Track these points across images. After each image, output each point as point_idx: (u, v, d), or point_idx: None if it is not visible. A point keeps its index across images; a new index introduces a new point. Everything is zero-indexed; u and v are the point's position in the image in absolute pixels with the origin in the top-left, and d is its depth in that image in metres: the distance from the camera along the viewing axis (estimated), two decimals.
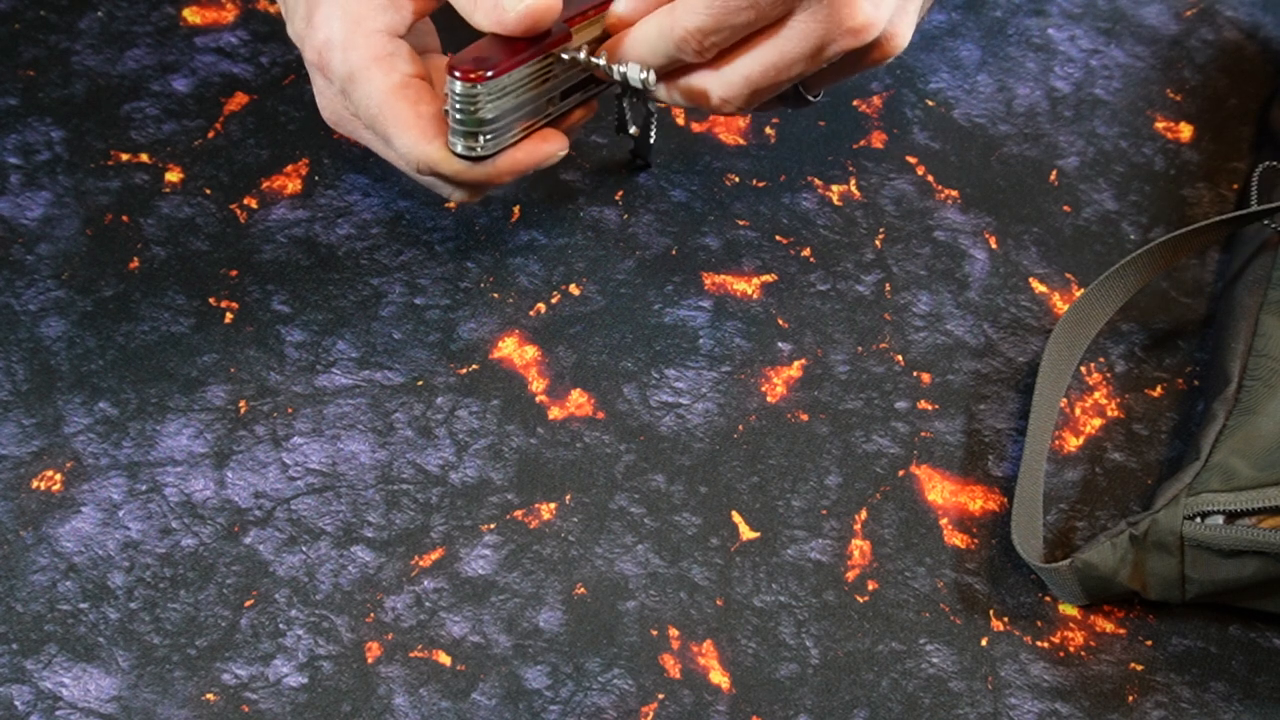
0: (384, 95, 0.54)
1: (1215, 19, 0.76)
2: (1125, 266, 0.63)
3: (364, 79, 0.54)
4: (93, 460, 0.60)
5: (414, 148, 0.54)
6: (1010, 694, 0.56)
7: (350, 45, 0.54)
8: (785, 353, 0.64)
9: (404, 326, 0.64)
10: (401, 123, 0.54)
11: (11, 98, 0.69)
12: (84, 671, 0.55)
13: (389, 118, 0.54)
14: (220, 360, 0.63)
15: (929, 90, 0.72)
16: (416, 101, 0.54)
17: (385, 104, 0.54)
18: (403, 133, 0.54)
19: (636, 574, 0.58)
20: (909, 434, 0.62)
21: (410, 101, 0.54)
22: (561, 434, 0.61)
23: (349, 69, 0.54)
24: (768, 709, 0.56)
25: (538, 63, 0.55)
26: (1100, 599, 0.58)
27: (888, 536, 0.60)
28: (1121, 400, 0.64)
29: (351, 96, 0.55)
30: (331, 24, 0.54)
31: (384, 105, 0.54)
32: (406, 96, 0.54)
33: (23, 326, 0.63)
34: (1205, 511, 0.56)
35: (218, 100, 0.70)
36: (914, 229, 0.68)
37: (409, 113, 0.54)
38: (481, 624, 0.57)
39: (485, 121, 0.54)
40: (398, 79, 0.54)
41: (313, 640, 0.56)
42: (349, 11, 0.54)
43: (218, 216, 0.66)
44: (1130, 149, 0.71)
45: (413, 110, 0.54)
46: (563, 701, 0.56)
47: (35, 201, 0.66)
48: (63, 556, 0.58)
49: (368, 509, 0.59)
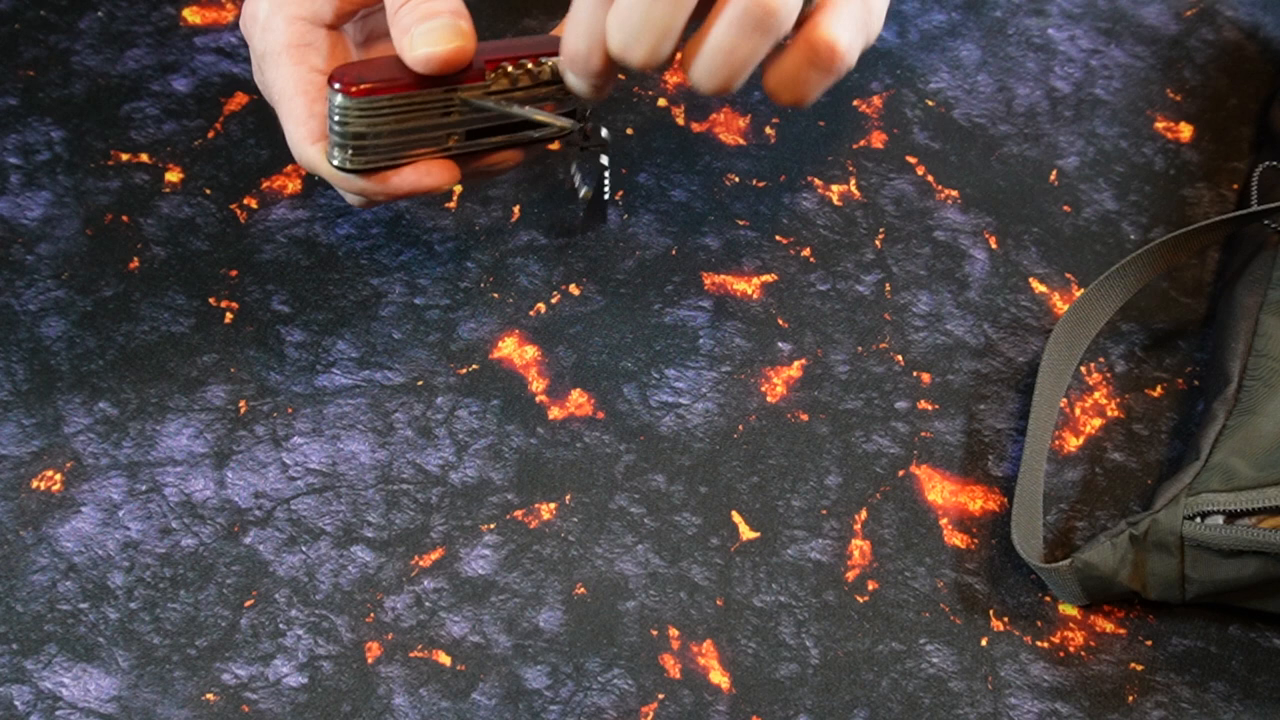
0: (286, 84, 0.54)
1: (1215, 19, 0.76)
2: (1125, 266, 0.63)
3: (274, 64, 0.54)
4: (93, 460, 0.60)
5: (299, 145, 0.54)
6: (1010, 694, 0.56)
7: (269, 26, 0.54)
8: (785, 353, 0.64)
9: (404, 326, 0.64)
10: (294, 117, 0.54)
11: (11, 98, 0.69)
12: (84, 671, 0.55)
13: (285, 109, 0.54)
14: (220, 360, 0.63)
15: (929, 90, 0.72)
16: (315, 99, 0.53)
17: (285, 95, 0.54)
18: (294, 127, 0.54)
19: (636, 574, 0.58)
20: (909, 434, 0.62)
21: (308, 98, 0.53)
22: (561, 434, 0.62)
23: (264, 49, 0.54)
24: (768, 709, 0.56)
25: (431, 94, 0.53)
26: (1100, 599, 0.58)
27: (888, 536, 0.60)
28: (1121, 400, 0.64)
29: (264, 76, 0.55)
30: (260, 1, 0.54)
31: (284, 96, 0.54)
32: (306, 91, 0.54)
33: (23, 326, 0.63)
34: (1205, 511, 0.56)
35: (218, 100, 0.70)
36: (914, 229, 0.68)
37: (303, 110, 0.54)
38: (481, 624, 0.57)
39: (355, 136, 0.53)
40: (304, 71, 0.54)
41: (313, 640, 0.56)
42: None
43: (218, 216, 0.66)
44: (1130, 149, 0.71)
45: (307, 109, 0.53)
46: (563, 701, 0.56)
47: (35, 201, 0.66)
48: (63, 556, 0.58)
49: (368, 509, 0.59)
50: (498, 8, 0.73)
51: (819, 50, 0.52)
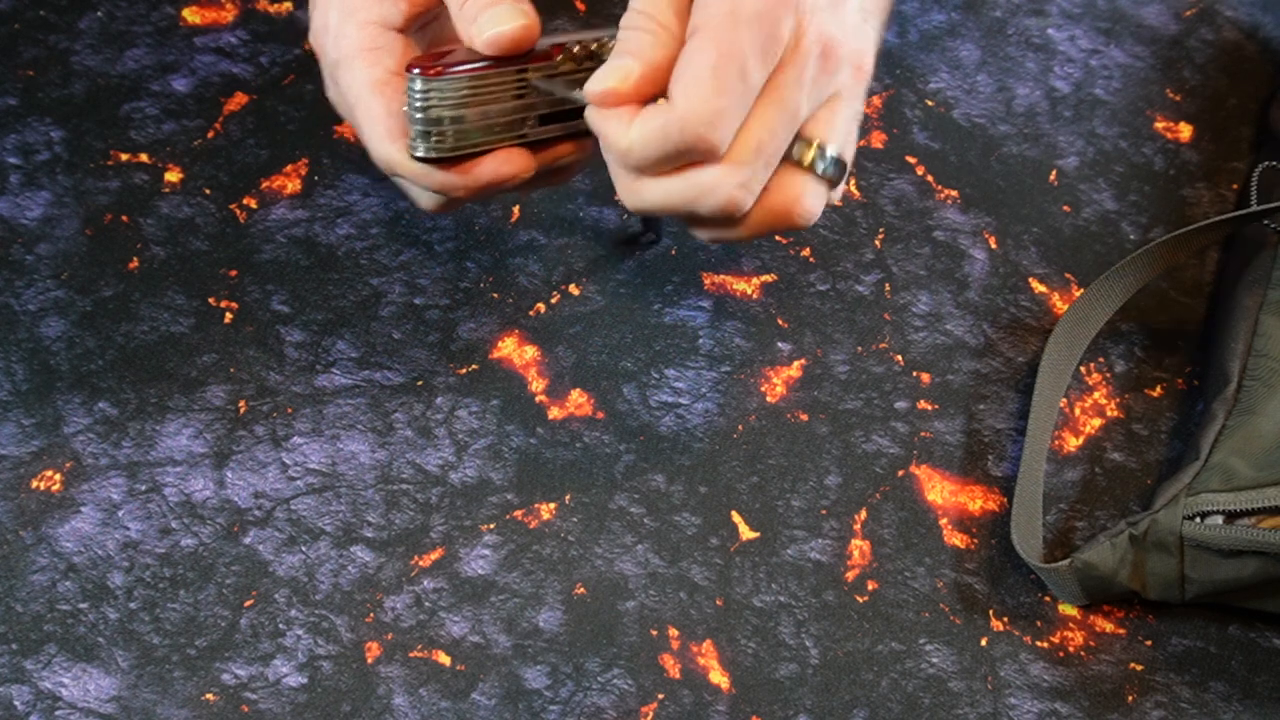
0: (362, 87, 0.54)
1: (1215, 19, 0.76)
2: (1125, 266, 0.63)
3: (348, 68, 0.54)
4: (92, 460, 0.60)
5: (378, 144, 0.54)
6: (1010, 694, 0.56)
7: (341, 34, 0.54)
8: (785, 353, 0.64)
9: (404, 326, 0.64)
10: (371, 117, 0.54)
11: (11, 98, 0.69)
12: (84, 671, 0.55)
13: (362, 111, 0.54)
14: (220, 360, 0.63)
15: (929, 90, 0.72)
16: (391, 99, 0.54)
17: (362, 97, 0.54)
18: (371, 127, 0.54)
19: (636, 574, 0.58)
20: (909, 434, 0.62)
21: (385, 98, 0.54)
22: (561, 434, 0.62)
23: (337, 56, 0.54)
24: (767, 709, 0.56)
25: (504, 74, 0.54)
26: (1100, 599, 0.58)
27: (887, 536, 0.60)
28: (1121, 400, 0.64)
29: (338, 84, 0.55)
30: (329, 12, 0.54)
31: (360, 98, 0.54)
32: (384, 92, 0.54)
33: (22, 326, 0.63)
34: (1205, 511, 0.56)
35: (217, 100, 0.70)
36: (914, 229, 0.68)
37: (381, 109, 0.54)
38: (481, 624, 0.57)
39: (436, 121, 0.53)
40: (379, 73, 0.54)
41: (312, 640, 0.56)
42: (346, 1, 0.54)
43: (217, 216, 0.66)
44: (1130, 149, 0.71)
45: (385, 107, 0.54)
46: (562, 701, 0.56)
47: (35, 201, 0.66)
48: (62, 556, 0.58)
49: (367, 509, 0.59)
50: None
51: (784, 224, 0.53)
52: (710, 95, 0.48)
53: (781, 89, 0.50)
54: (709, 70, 0.48)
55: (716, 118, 0.48)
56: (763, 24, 0.48)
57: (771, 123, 0.50)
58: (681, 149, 0.49)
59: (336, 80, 0.55)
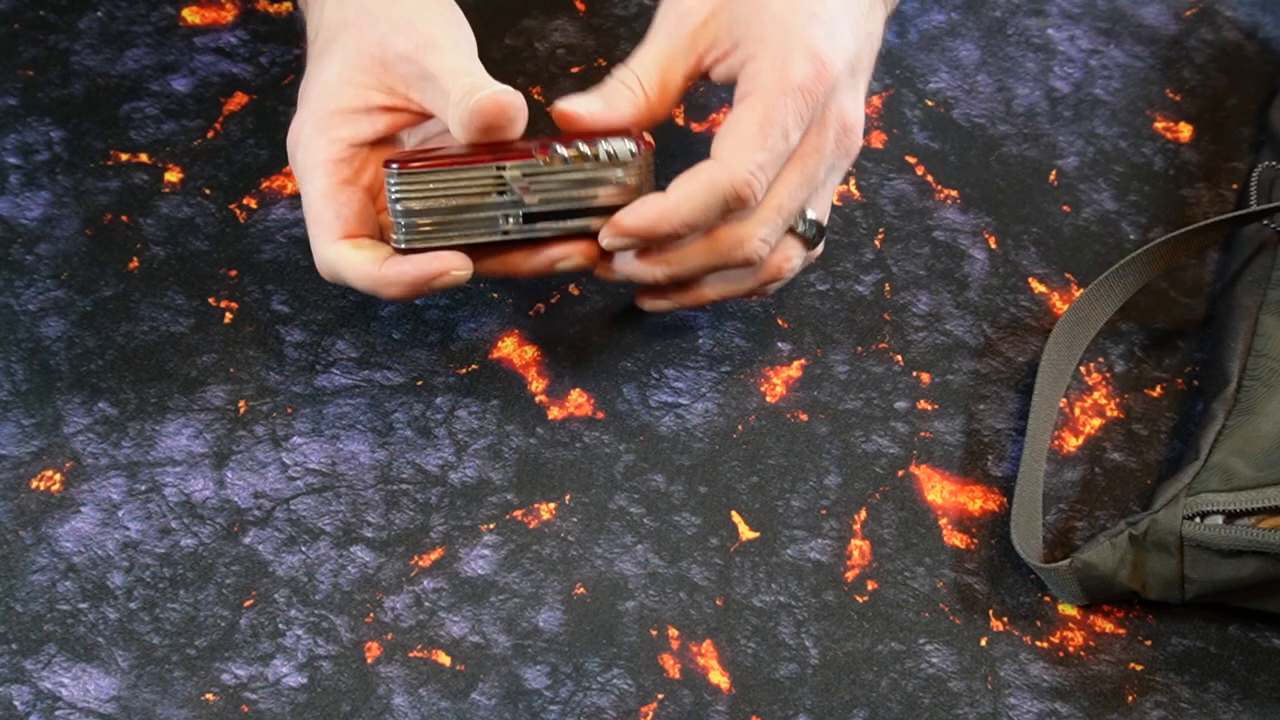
0: (316, 195, 0.56)
1: (1215, 19, 0.76)
2: (1125, 266, 0.63)
3: (310, 178, 0.56)
4: (92, 460, 0.60)
5: (315, 245, 0.56)
6: (1010, 694, 0.56)
7: (310, 147, 0.56)
8: (785, 353, 0.64)
9: (404, 326, 0.64)
10: (320, 222, 0.56)
11: (11, 98, 0.69)
12: (83, 671, 0.55)
13: (311, 215, 0.56)
14: (220, 360, 0.63)
15: (928, 90, 0.72)
16: (342, 205, 0.56)
17: (313, 204, 0.56)
18: (315, 230, 0.56)
19: (636, 574, 0.58)
20: (908, 434, 0.62)
21: (335, 204, 0.56)
22: (561, 434, 0.62)
23: (302, 166, 0.57)
24: (767, 709, 0.56)
25: (479, 169, 0.55)
26: (1100, 599, 0.58)
27: (887, 536, 0.60)
28: (1121, 400, 0.64)
29: (302, 192, 0.57)
30: (304, 126, 0.57)
31: (312, 205, 0.56)
32: (333, 201, 0.56)
33: (22, 326, 0.63)
34: (1205, 511, 0.56)
35: (217, 100, 0.70)
36: (913, 229, 0.68)
37: (330, 215, 0.56)
38: (481, 624, 0.57)
39: (409, 214, 0.55)
40: (334, 183, 0.56)
41: (312, 640, 0.56)
42: (319, 119, 0.56)
43: (217, 216, 0.66)
44: (1130, 149, 0.71)
45: (334, 213, 0.56)
46: (562, 701, 0.56)
47: (35, 201, 0.66)
48: (62, 556, 0.58)
49: (367, 509, 0.59)
50: (498, 8, 0.73)
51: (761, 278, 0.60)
52: (756, 149, 0.54)
53: (807, 157, 0.56)
54: (757, 128, 0.54)
55: (760, 171, 0.54)
56: (804, 95, 0.54)
57: (794, 186, 0.56)
58: (728, 198, 0.54)
59: (301, 188, 0.57)
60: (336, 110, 0.56)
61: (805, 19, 0.55)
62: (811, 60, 0.54)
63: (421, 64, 0.55)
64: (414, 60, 0.55)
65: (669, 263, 0.57)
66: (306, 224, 0.57)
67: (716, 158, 0.54)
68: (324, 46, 0.57)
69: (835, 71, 0.55)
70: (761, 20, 0.55)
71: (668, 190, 0.55)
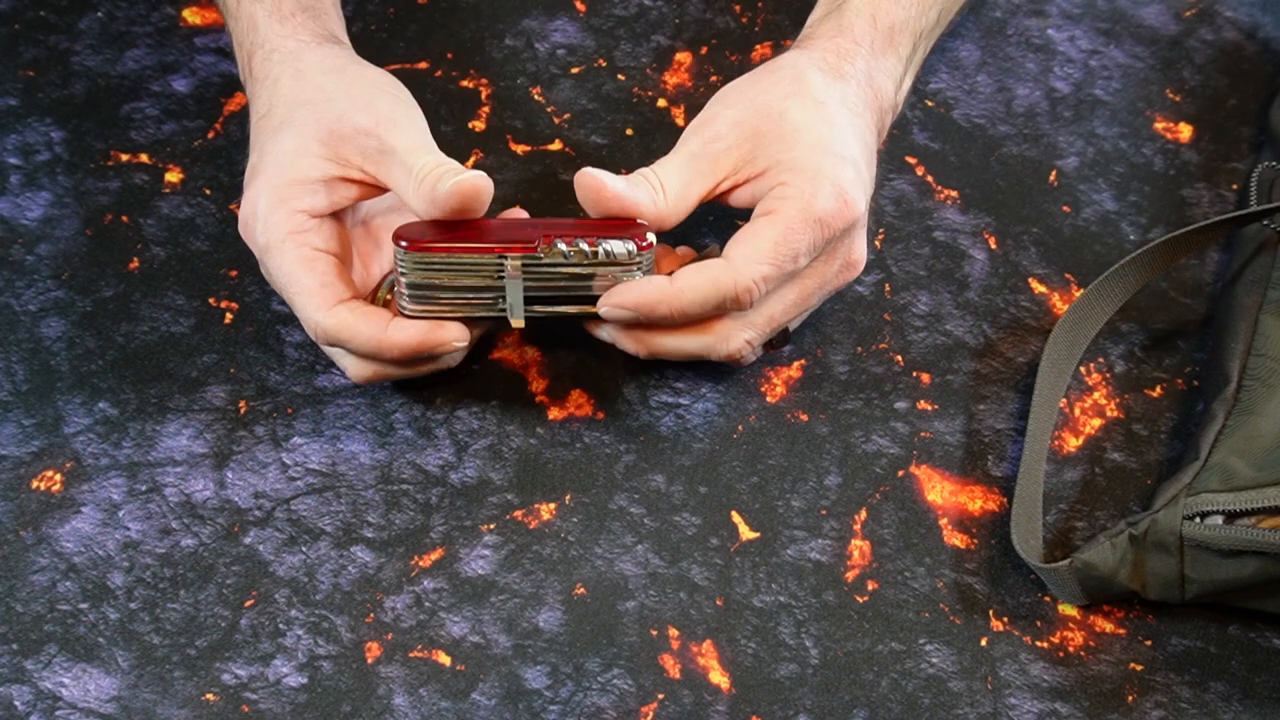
0: (293, 265, 0.57)
1: (1215, 19, 0.76)
2: (1125, 266, 0.63)
3: (278, 251, 0.57)
4: (93, 460, 0.60)
5: (311, 315, 0.57)
6: (1010, 694, 0.56)
7: (270, 221, 0.57)
8: (785, 353, 0.64)
9: None
10: (305, 291, 0.57)
11: (11, 98, 0.69)
12: (84, 671, 0.55)
13: (295, 287, 0.57)
14: (220, 360, 0.63)
15: (929, 90, 0.72)
16: (324, 272, 0.57)
17: (294, 274, 0.57)
18: (304, 300, 0.57)
19: (636, 574, 0.58)
20: (909, 434, 0.62)
21: (317, 272, 0.57)
22: (561, 434, 0.62)
23: (266, 241, 0.57)
24: (767, 709, 0.56)
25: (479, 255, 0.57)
26: (1100, 599, 0.58)
27: (887, 536, 0.60)
28: (1121, 400, 0.64)
29: (267, 265, 0.58)
30: (260, 199, 0.57)
31: (292, 275, 0.57)
32: (313, 269, 0.57)
33: (23, 326, 0.63)
34: (1205, 511, 0.56)
35: (218, 100, 0.70)
36: (914, 229, 0.68)
37: (314, 282, 0.57)
38: (481, 624, 0.57)
39: (413, 285, 0.57)
40: (307, 252, 0.57)
41: (313, 640, 0.56)
42: (277, 190, 0.57)
43: (218, 216, 0.66)
44: (1130, 149, 0.71)
45: (317, 280, 0.57)
46: (562, 701, 0.56)
47: (35, 201, 0.66)
48: (63, 556, 0.58)
49: (367, 509, 0.59)
50: (498, 8, 0.73)
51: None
52: (765, 263, 0.56)
53: (808, 280, 0.59)
54: (771, 244, 0.56)
55: (763, 282, 0.57)
56: (823, 227, 0.57)
57: (789, 303, 0.59)
58: (727, 298, 0.56)
59: (266, 264, 0.58)
60: (294, 180, 0.57)
61: (835, 160, 0.58)
62: (838, 197, 0.57)
63: (381, 138, 0.57)
64: (374, 134, 0.57)
65: (650, 345, 0.58)
66: (285, 296, 0.58)
67: (727, 259, 0.57)
68: (280, 122, 0.58)
69: (857, 212, 0.58)
70: (794, 154, 0.58)
71: (674, 276, 0.57)
